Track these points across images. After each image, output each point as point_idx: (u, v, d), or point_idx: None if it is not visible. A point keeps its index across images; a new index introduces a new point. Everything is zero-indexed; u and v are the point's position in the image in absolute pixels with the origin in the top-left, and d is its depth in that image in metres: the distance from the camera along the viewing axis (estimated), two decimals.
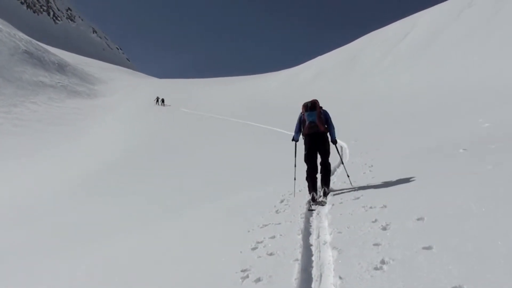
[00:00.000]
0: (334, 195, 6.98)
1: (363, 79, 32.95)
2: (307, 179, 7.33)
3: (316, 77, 41.80)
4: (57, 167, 21.77)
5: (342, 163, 8.80)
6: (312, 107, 7.41)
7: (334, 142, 7.57)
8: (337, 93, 30.84)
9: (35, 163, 23.37)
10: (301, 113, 7.53)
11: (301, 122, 7.57)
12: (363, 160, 10.00)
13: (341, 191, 7.21)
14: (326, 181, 7.26)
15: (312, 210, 6.56)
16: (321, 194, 7.15)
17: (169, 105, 46.18)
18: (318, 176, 7.41)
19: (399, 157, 9.77)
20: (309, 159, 7.37)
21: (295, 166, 8.33)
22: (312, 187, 7.18)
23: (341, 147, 12.85)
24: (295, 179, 8.35)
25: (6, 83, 44.60)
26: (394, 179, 7.11)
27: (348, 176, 7.97)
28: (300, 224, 5.69)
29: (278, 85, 49.11)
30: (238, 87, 56.64)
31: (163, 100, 48.02)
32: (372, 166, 9.27)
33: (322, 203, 6.71)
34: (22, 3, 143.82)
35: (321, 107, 7.49)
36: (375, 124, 16.99)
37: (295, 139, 7.84)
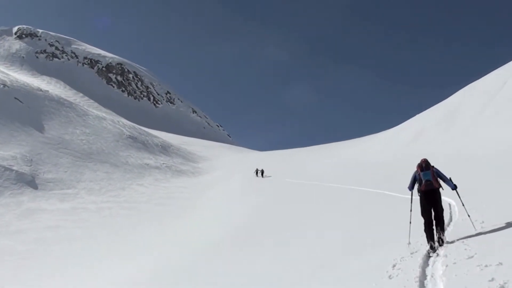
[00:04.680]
0: (447, 255, 6.94)
1: (465, 133, 31.82)
2: (425, 230, 8.25)
3: (417, 136, 40.86)
4: (178, 238, 22.85)
5: (463, 205, 9.25)
6: (426, 167, 8.47)
7: (454, 188, 8.60)
8: (441, 150, 29.98)
9: (148, 241, 24.69)
10: (416, 172, 8.63)
11: (415, 179, 8.75)
12: (473, 216, 9.75)
13: (454, 249, 7.14)
14: (442, 228, 8.17)
15: (431, 256, 7.48)
16: (439, 236, 8.08)
17: (269, 176, 47.03)
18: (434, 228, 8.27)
19: (511, 211, 9.43)
20: (426, 213, 8.34)
21: (410, 210, 9.41)
22: (430, 238, 8.08)
23: (449, 204, 12.54)
24: (410, 222, 9.20)
25: (114, 168, 47.57)
26: (508, 234, 6.95)
27: (469, 216, 8.79)
28: None
29: (378, 147, 48.52)
30: (338, 152, 56.61)
31: (262, 171, 49.01)
32: (483, 222, 9.03)
33: (440, 243, 7.94)
34: (123, 91, 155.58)
35: (433, 166, 8.50)
36: (483, 179, 16.34)
37: (410, 189, 9.04)
